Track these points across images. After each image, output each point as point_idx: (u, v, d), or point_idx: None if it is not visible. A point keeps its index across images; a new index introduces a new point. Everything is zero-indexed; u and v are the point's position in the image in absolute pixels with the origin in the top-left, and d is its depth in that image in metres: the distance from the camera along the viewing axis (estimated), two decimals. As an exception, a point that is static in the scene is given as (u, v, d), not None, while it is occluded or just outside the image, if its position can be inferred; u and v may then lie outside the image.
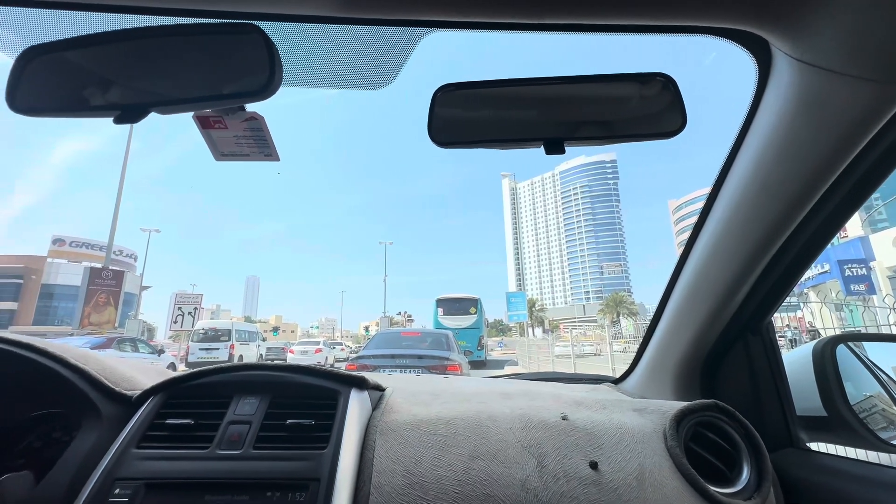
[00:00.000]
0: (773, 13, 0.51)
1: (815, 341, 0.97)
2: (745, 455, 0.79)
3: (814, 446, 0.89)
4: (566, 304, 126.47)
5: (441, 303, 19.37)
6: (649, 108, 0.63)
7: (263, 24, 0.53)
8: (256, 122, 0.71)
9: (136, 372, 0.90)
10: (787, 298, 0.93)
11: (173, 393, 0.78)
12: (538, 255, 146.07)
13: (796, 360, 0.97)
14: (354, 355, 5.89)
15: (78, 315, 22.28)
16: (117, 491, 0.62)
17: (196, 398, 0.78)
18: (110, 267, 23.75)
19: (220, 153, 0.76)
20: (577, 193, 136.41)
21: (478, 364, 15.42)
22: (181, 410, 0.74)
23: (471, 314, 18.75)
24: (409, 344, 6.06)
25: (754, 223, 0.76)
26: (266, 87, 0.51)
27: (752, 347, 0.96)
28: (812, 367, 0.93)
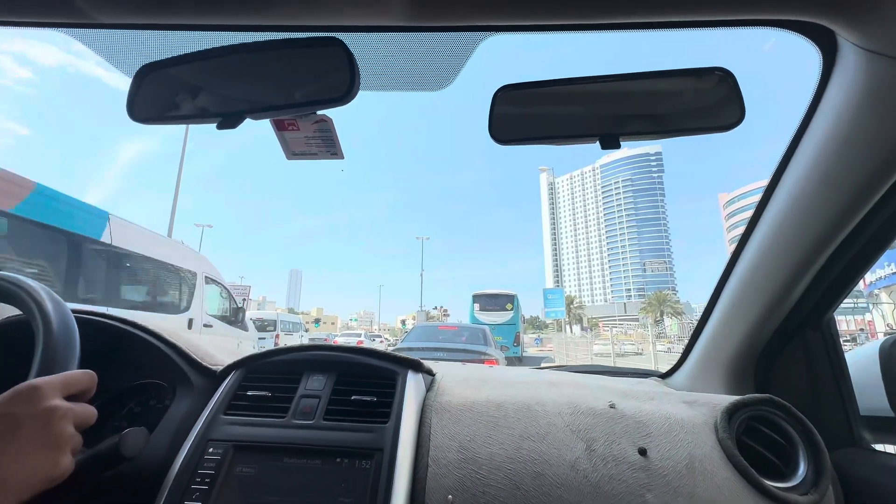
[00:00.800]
0: (840, 3, 0.51)
1: (882, 339, 0.93)
2: (801, 451, 0.77)
3: (879, 448, 0.85)
4: (605, 301, 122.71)
5: (477, 298, 19.39)
6: (706, 102, 0.63)
7: (340, 35, 0.59)
8: (325, 124, 0.78)
9: (214, 350, 1.01)
10: (856, 300, 0.90)
11: (251, 368, 0.87)
12: (577, 252, 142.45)
13: (861, 358, 0.93)
14: (393, 347, 6.11)
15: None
16: (211, 450, 0.71)
17: (271, 374, 0.86)
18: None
19: (292, 153, 0.84)
20: (618, 187, 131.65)
21: (514, 361, 15.34)
22: (259, 384, 0.83)
23: (507, 310, 18.65)
24: (447, 337, 6.23)
25: (815, 215, 0.74)
26: (346, 94, 0.57)
27: (811, 343, 0.93)
28: (879, 367, 0.89)
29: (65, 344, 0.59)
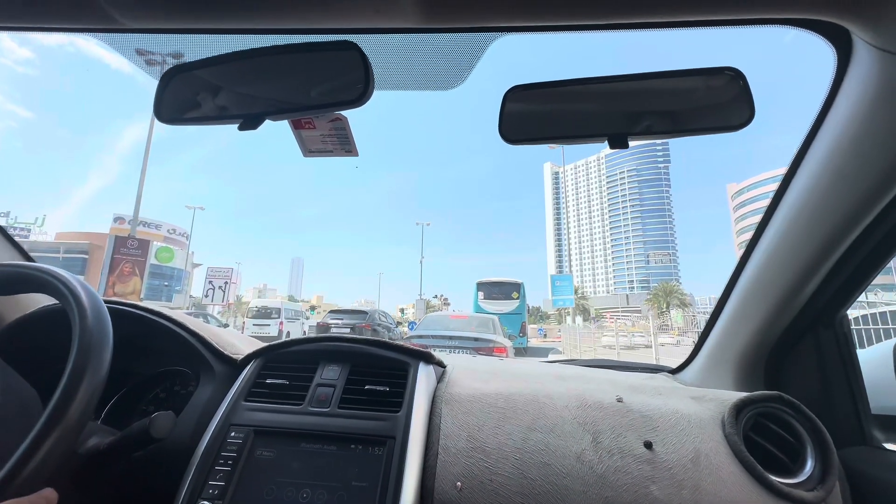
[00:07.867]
0: (855, 2, 0.51)
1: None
2: (809, 448, 0.76)
3: (890, 447, 0.84)
4: (608, 293, 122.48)
5: (482, 286, 18.78)
6: (716, 102, 0.64)
7: (356, 37, 0.61)
8: (340, 123, 0.79)
9: (234, 339, 1.04)
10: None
11: (270, 358, 0.89)
12: (580, 242, 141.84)
13: (874, 357, 0.93)
14: (408, 335, 6.63)
15: (102, 285, 19.45)
16: (233, 434, 0.74)
17: (288, 363, 0.88)
18: (136, 236, 21.44)
19: (308, 150, 0.86)
20: (623, 178, 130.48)
21: (519, 352, 15.21)
22: (277, 372, 0.85)
23: (513, 299, 18.12)
24: (457, 326, 6.42)
25: (827, 212, 0.74)
26: (361, 96, 0.59)
27: (823, 341, 0.93)
28: (892, 366, 0.88)
29: (98, 331, 0.61)
